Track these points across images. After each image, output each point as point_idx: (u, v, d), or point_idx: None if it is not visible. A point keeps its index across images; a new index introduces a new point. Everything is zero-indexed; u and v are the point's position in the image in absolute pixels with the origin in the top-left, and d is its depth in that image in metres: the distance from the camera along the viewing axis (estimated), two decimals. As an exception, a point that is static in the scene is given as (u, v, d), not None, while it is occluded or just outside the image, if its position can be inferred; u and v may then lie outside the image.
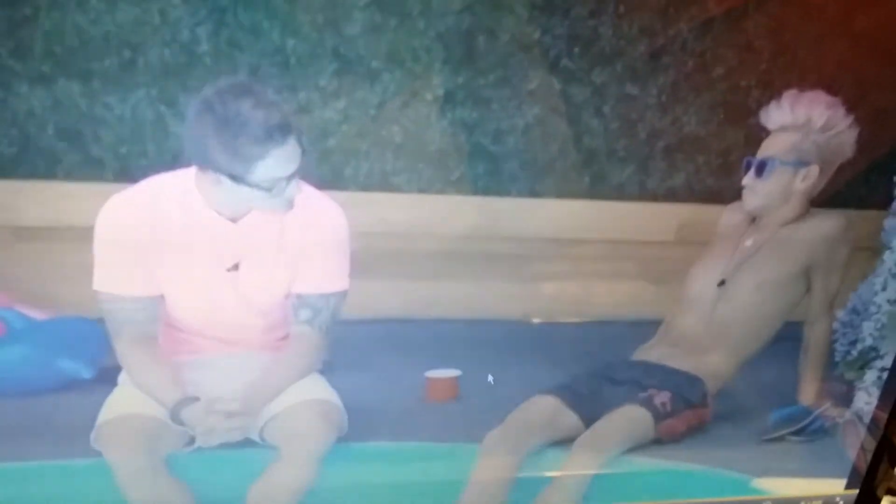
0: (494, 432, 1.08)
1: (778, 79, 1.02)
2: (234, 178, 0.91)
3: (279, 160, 0.91)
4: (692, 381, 1.15)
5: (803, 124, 1.05)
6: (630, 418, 1.11)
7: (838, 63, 1.01)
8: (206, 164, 0.91)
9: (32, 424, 1.02)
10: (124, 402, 1.00)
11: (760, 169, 1.08)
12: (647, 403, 1.12)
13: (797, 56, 1.00)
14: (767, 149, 1.08)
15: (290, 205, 0.96)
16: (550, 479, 1.09)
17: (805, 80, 1.01)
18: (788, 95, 1.03)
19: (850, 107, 1.03)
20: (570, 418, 1.12)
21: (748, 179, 1.09)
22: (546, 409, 1.11)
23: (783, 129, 1.06)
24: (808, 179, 1.09)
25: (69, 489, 1.00)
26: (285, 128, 0.90)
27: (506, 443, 1.08)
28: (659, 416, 1.12)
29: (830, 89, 1.02)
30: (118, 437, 0.98)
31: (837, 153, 1.07)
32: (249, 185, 0.91)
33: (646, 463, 1.12)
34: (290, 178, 0.93)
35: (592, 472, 1.09)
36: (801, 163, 1.08)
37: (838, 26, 0.96)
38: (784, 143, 1.07)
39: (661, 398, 1.12)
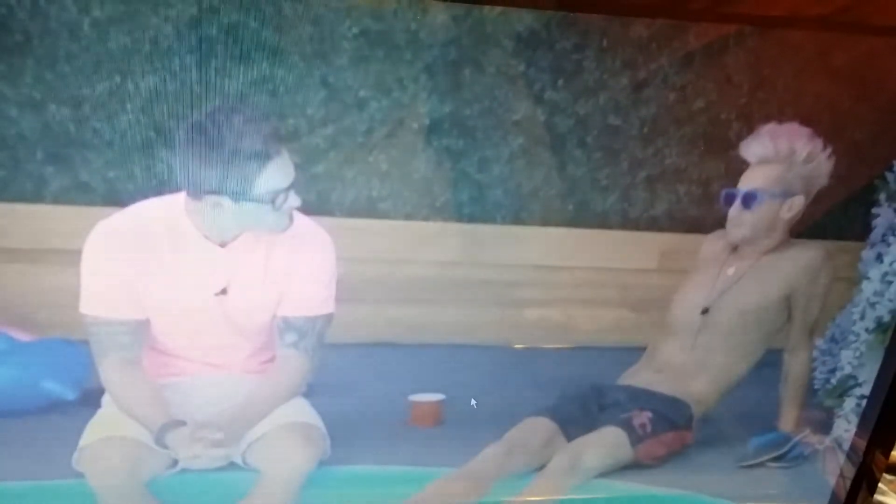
0: (487, 453, 1.08)
1: (757, 111, 1.04)
2: (236, 196, 0.92)
3: (278, 170, 0.92)
4: (677, 404, 1.16)
5: (786, 157, 1.06)
6: (606, 439, 1.12)
7: (816, 97, 1.03)
8: (203, 188, 0.91)
9: (15, 445, 1.01)
10: (107, 424, 1.00)
11: (747, 201, 1.09)
12: (625, 424, 1.13)
13: (776, 90, 1.02)
14: (751, 181, 1.09)
15: (289, 220, 0.96)
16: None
17: (783, 113, 1.03)
18: (770, 129, 1.04)
19: (829, 141, 1.05)
20: (561, 442, 1.12)
21: (734, 212, 1.10)
22: (540, 432, 1.12)
23: (765, 161, 1.07)
24: (793, 209, 1.10)
25: (51, 510, 1.00)
26: (280, 138, 0.91)
27: (500, 464, 1.08)
28: (636, 437, 1.12)
29: (810, 123, 1.04)
30: (101, 459, 0.98)
31: (818, 182, 1.09)
32: (252, 200, 0.92)
33: (628, 488, 1.12)
34: (287, 191, 0.94)
35: (565, 494, 1.09)
36: (787, 193, 1.09)
37: (816, 62, 0.98)
38: (769, 175, 1.08)
39: (641, 419, 1.13)
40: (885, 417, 1.05)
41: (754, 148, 1.06)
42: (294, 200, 0.95)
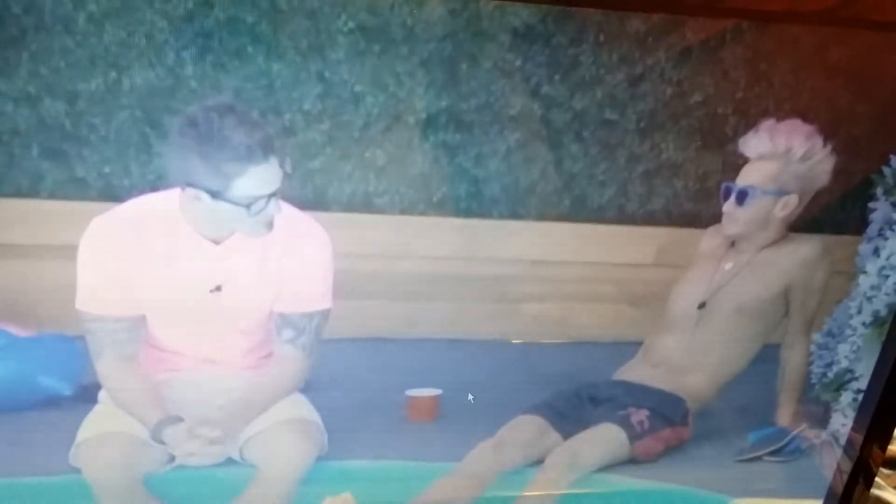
0: (479, 450, 1.09)
1: (754, 107, 1.04)
2: (213, 194, 0.91)
3: (258, 178, 0.91)
4: (673, 400, 1.16)
5: (783, 154, 1.06)
6: (604, 437, 1.12)
7: (813, 92, 1.03)
8: (186, 179, 0.91)
9: (11, 441, 1.01)
10: (104, 420, 1.00)
11: (741, 197, 1.09)
12: (623, 422, 1.13)
13: (773, 85, 1.02)
14: (747, 177, 1.08)
15: (268, 227, 0.96)
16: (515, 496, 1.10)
17: (781, 108, 1.03)
18: (768, 125, 1.04)
19: (827, 136, 1.05)
20: (554, 437, 1.12)
21: (728, 207, 1.10)
22: (531, 429, 1.12)
23: (763, 157, 1.07)
24: (787, 208, 1.10)
25: (48, 506, 1.00)
26: (267, 147, 0.91)
27: (491, 461, 1.09)
28: (634, 434, 1.12)
29: (807, 118, 1.04)
30: (97, 454, 0.98)
31: (816, 181, 1.09)
32: (227, 201, 0.92)
33: (624, 482, 1.13)
34: (269, 198, 0.94)
35: (562, 490, 1.09)
36: (781, 192, 1.09)
37: (813, 57, 0.98)
38: (764, 172, 1.08)
39: (639, 417, 1.13)
40: (882, 411, 1.05)
41: (753, 143, 1.06)
42: (274, 209, 0.94)
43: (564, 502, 1.10)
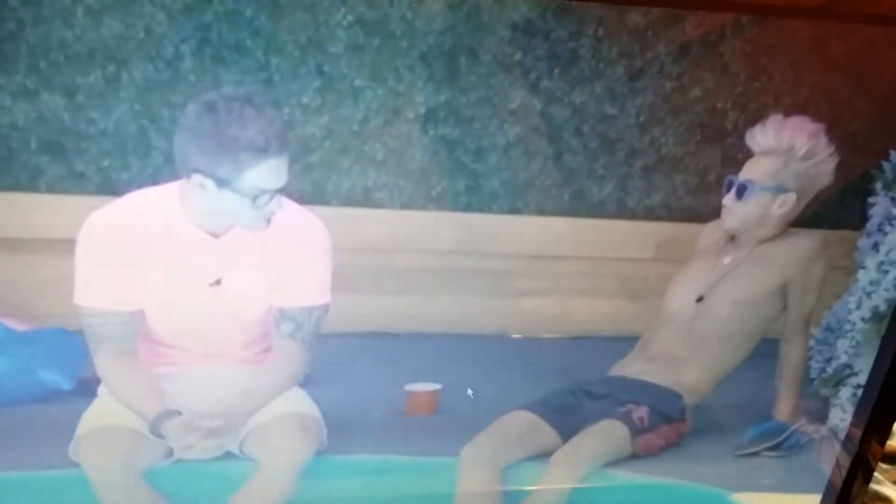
0: (469, 447, 1.09)
1: (753, 101, 1.04)
2: (221, 182, 0.91)
3: (269, 172, 0.92)
4: (670, 395, 1.17)
5: (785, 151, 1.06)
6: (607, 433, 1.12)
7: (813, 87, 1.03)
8: (194, 166, 0.91)
9: (11, 435, 1.01)
10: (104, 413, 1.00)
11: (740, 191, 1.09)
12: (625, 418, 1.13)
13: (772, 79, 1.02)
14: (750, 171, 1.09)
15: (266, 223, 0.96)
16: (527, 492, 1.10)
17: (780, 103, 1.03)
18: (775, 120, 1.04)
19: (830, 135, 1.05)
20: (548, 433, 1.12)
21: (728, 200, 1.10)
22: (522, 424, 1.12)
23: (766, 152, 1.07)
24: (785, 206, 1.10)
25: (48, 500, 1.00)
26: (283, 142, 0.91)
27: (481, 457, 1.09)
28: (636, 431, 1.13)
29: (807, 113, 1.04)
30: (97, 448, 0.98)
31: (816, 181, 1.09)
32: (234, 191, 0.92)
33: (624, 477, 1.13)
34: (273, 194, 0.94)
35: (569, 485, 1.09)
36: (780, 189, 1.09)
37: (812, 52, 0.98)
38: (765, 168, 1.08)
39: (639, 413, 1.13)
40: (881, 406, 1.05)
41: (757, 137, 1.06)
42: (276, 205, 0.95)
43: (568, 497, 1.10)
